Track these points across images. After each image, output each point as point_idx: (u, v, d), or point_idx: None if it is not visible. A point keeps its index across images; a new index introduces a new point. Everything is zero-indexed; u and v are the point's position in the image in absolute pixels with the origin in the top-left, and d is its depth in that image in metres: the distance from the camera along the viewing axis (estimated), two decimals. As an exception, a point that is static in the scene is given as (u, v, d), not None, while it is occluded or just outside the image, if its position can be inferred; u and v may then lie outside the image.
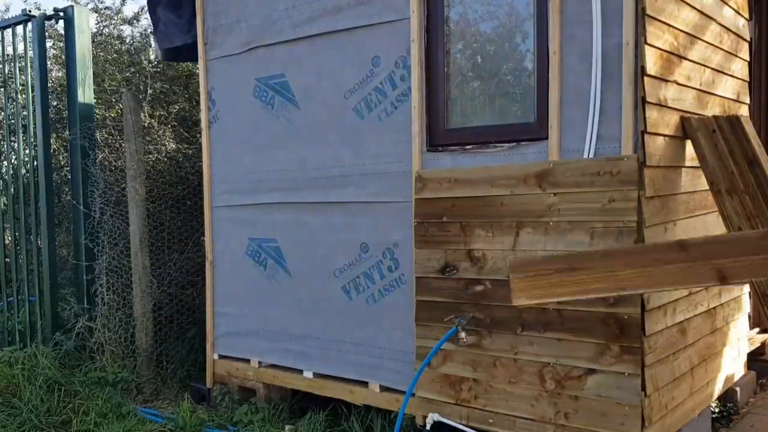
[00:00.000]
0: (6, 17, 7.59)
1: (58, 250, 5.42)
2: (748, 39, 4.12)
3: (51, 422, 4.19)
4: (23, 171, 5.35)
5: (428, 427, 3.43)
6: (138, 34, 6.79)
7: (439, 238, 3.42)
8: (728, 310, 3.84)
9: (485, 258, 3.26)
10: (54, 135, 5.66)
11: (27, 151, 5.34)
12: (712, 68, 3.57)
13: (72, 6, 5.21)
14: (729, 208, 3.25)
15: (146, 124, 5.47)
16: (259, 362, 4.31)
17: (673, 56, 3.13)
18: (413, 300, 3.54)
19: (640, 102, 2.86)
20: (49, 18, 5.24)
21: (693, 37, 3.32)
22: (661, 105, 3.02)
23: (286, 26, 4.02)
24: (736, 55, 3.90)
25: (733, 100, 3.87)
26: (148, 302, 4.99)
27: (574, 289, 2.55)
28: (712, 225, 3.58)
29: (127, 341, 4.97)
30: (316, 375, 4.03)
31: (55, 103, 5.88)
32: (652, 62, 2.91)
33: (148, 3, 4.91)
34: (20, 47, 5.49)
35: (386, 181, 3.67)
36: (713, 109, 3.59)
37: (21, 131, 5.39)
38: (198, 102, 5.25)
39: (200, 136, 4.71)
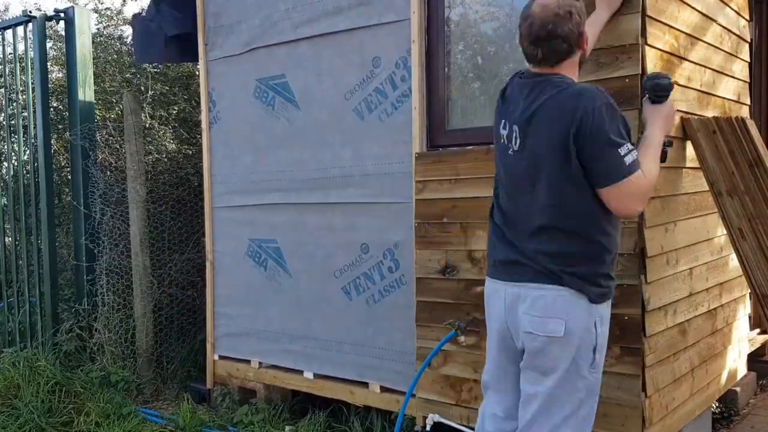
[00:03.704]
0: (5, 17, 7.63)
1: (59, 251, 5.41)
2: (749, 40, 4.12)
3: (52, 423, 4.19)
4: (23, 172, 5.35)
5: (428, 428, 3.43)
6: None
7: (440, 238, 3.42)
8: (729, 311, 3.83)
9: (486, 259, 3.25)
10: (54, 136, 5.65)
11: (27, 152, 5.34)
12: (713, 69, 3.57)
13: (72, 7, 5.21)
14: (729, 209, 3.25)
15: (147, 125, 5.47)
16: (260, 363, 4.31)
17: (674, 57, 3.13)
18: (414, 301, 3.54)
19: (640, 103, 2.85)
20: (50, 19, 5.24)
21: (694, 38, 3.32)
22: (662, 106, 3.02)
23: (287, 27, 4.02)
24: (737, 56, 3.90)
25: (734, 101, 3.87)
26: (148, 303, 4.99)
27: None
28: (713, 226, 3.58)
29: (127, 342, 4.97)
30: (316, 376, 4.03)
31: (55, 104, 5.87)
32: (652, 63, 2.91)
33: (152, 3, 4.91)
34: (20, 48, 5.49)
35: (387, 182, 3.67)
36: (714, 110, 3.59)
37: (21, 132, 5.39)
38: (198, 103, 5.26)
39: (200, 137, 4.71)
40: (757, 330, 4.59)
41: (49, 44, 5.83)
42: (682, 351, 3.25)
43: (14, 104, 5.54)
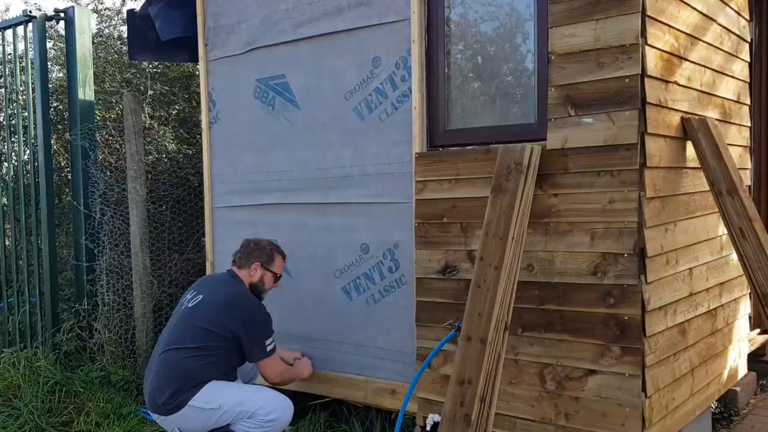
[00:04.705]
0: (5, 17, 7.62)
1: (59, 251, 5.42)
2: (749, 40, 4.12)
3: (52, 423, 4.19)
4: (24, 172, 5.35)
5: (428, 427, 3.43)
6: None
7: (440, 238, 3.42)
8: (729, 311, 3.84)
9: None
10: (54, 136, 5.65)
11: (27, 152, 5.34)
12: (713, 69, 3.57)
13: (72, 7, 5.21)
14: (730, 208, 3.25)
15: (147, 125, 5.47)
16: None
17: (674, 57, 3.13)
18: (413, 301, 3.54)
19: (641, 103, 2.85)
20: (50, 18, 5.24)
21: (694, 38, 3.32)
22: (662, 106, 3.02)
23: (287, 27, 4.02)
24: (737, 56, 3.90)
25: (734, 101, 3.87)
26: (148, 303, 4.99)
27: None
28: (713, 226, 3.59)
29: (127, 342, 4.97)
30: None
31: (55, 104, 5.88)
32: (653, 63, 2.91)
33: (147, 3, 4.91)
34: (20, 48, 5.49)
35: (387, 182, 3.67)
36: (714, 109, 3.59)
37: (21, 132, 5.39)
38: (198, 103, 5.26)
39: (200, 137, 4.71)
40: (757, 330, 4.60)
41: (49, 44, 5.84)
42: (682, 351, 3.25)
43: (14, 104, 5.54)
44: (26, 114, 5.36)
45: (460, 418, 2.68)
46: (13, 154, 5.73)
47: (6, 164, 5.85)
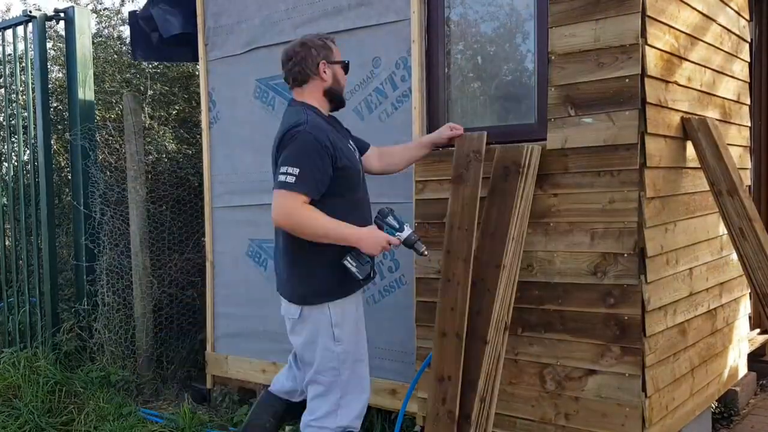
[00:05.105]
0: (6, 17, 7.62)
1: (59, 251, 5.42)
2: (749, 40, 4.12)
3: (52, 423, 4.20)
4: (24, 172, 5.35)
5: (429, 427, 3.43)
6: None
7: (440, 238, 3.41)
8: (729, 311, 3.84)
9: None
10: (54, 136, 5.65)
11: (27, 152, 5.34)
12: (713, 69, 3.57)
13: (72, 7, 5.21)
14: (730, 208, 3.25)
15: (146, 125, 5.47)
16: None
17: (674, 57, 3.13)
18: (413, 301, 3.54)
19: (641, 103, 2.85)
20: (50, 19, 5.24)
21: (694, 38, 3.32)
22: (662, 106, 3.02)
23: (287, 27, 4.02)
24: (737, 56, 3.90)
25: (734, 101, 3.87)
26: (148, 303, 4.99)
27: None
28: (713, 226, 3.59)
29: (127, 342, 4.97)
30: (316, 376, 4.02)
31: (55, 104, 5.88)
32: (653, 63, 2.91)
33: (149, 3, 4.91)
34: (20, 48, 5.49)
35: (386, 182, 3.66)
36: (714, 109, 3.59)
37: (21, 132, 5.39)
38: (198, 103, 5.26)
39: (200, 137, 4.71)
40: (757, 330, 4.60)
41: (49, 44, 5.84)
42: (682, 351, 3.25)
43: (14, 104, 5.54)
44: (26, 114, 5.36)
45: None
46: (13, 154, 5.73)
47: (6, 164, 5.85)
